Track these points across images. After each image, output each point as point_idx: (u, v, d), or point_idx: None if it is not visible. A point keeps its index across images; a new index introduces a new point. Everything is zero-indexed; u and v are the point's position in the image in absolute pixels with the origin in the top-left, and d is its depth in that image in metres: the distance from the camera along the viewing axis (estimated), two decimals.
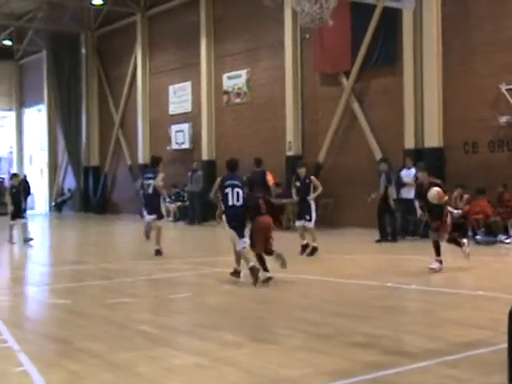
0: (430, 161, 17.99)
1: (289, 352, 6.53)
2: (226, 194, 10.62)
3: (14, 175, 20.77)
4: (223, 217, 10.92)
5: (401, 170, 17.80)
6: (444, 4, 18.19)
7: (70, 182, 35.01)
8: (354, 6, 19.93)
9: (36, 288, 11.42)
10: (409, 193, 16.95)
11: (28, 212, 34.01)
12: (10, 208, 18.33)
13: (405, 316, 8.58)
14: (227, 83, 25.24)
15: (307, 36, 21.41)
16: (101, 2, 29.76)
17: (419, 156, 18.17)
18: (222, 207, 10.83)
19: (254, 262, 10.49)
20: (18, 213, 18.39)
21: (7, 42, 36.33)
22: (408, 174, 17.28)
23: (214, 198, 11.13)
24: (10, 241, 18.27)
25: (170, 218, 25.60)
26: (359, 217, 19.47)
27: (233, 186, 10.63)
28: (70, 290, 10.80)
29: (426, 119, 18.49)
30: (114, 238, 22.22)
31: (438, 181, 11.89)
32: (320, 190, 14.29)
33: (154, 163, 15.06)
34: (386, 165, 17.38)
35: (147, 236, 14.95)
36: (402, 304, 9.53)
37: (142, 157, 29.45)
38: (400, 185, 17.49)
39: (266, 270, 10.48)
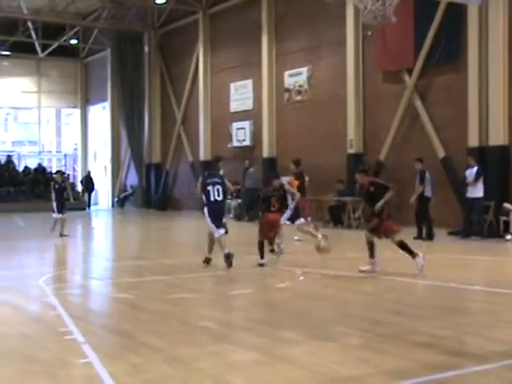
0: (495, 159, 17.62)
1: (348, 350, 6.50)
2: (208, 190, 12.10)
3: (58, 172, 21.41)
4: (204, 209, 12.24)
5: (466, 169, 17.45)
6: None
7: (132, 179, 35.57)
8: (418, 2, 19.67)
9: (100, 282, 11.65)
10: (472, 192, 16.71)
11: (92, 207, 35.03)
12: (54, 203, 18.86)
13: (468, 317, 8.43)
14: (288, 81, 25.24)
15: (369, 33, 21.19)
16: (164, 1, 30.15)
17: (483, 154, 17.82)
18: (205, 201, 12.18)
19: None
20: (60, 208, 18.87)
21: (73, 41, 37.17)
22: (471, 173, 16.96)
23: (199, 195, 12.58)
24: (61, 234, 18.81)
25: (231, 215, 25.75)
26: None
27: (214, 184, 12.17)
28: (132, 284, 10.97)
29: (491, 116, 18.10)
30: (175, 233, 22.47)
31: (380, 180, 11.74)
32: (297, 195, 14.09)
33: (216, 162, 14.90)
34: (420, 164, 17.28)
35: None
36: (465, 305, 9.36)
37: (204, 154, 29.71)
38: (465, 184, 17.20)
39: (262, 257, 12.26)
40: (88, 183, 36.27)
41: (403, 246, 11.08)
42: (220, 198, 12.14)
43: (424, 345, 6.62)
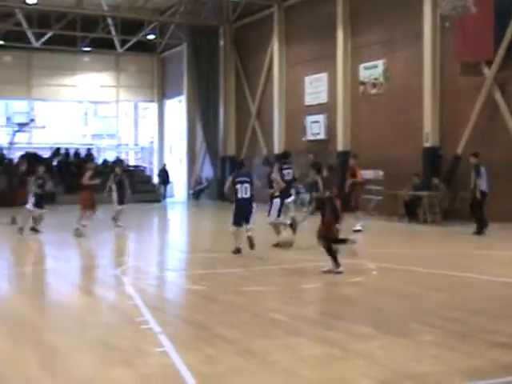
0: None
1: (422, 347, 6.44)
2: (237, 188, 13.21)
3: (117, 164, 21.72)
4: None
5: None
6: None
7: (207, 171, 35.98)
8: None
9: (174, 273, 11.88)
10: None
11: (167, 200, 35.61)
12: (114, 195, 19.24)
13: None
14: (363, 74, 24.99)
15: (447, 24, 20.78)
16: None
17: None
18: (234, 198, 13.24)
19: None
20: (121, 200, 19.28)
21: (151, 37, 37.82)
22: None
23: (227, 191, 13.66)
24: (116, 225, 19.24)
25: (305, 209, 25.71)
26: (500, 211, 18.72)
27: (242, 182, 13.26)
28: (205, 276, 11.14)
29: None
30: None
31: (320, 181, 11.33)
32: None
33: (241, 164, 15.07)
34: (475, 158, 17.16)
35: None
36: None
37: (278, 147, 29.78)
38: None
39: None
40: (164, 176, 36.89)
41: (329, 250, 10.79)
42: (247, 196, 13.28)
43: (501, 345, 6.49)
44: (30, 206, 17.91)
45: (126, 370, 5.82)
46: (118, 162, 21.98)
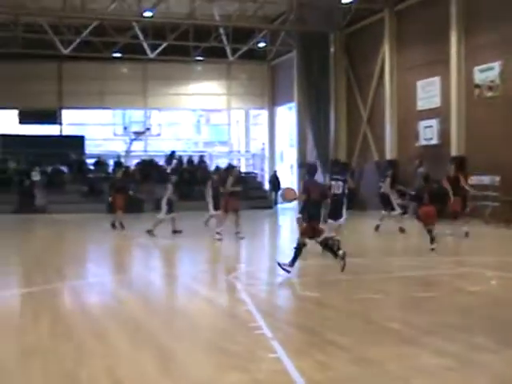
0: None
1: None
2: (332, 185, 14.54)
3: (217, 171, 22.15)
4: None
5: None
6: None
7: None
8: None
9: (286, 279, 11.89)
10: None
11: (278, 206, 35.81)
12: (210, 201, 19.81)
13: None
14: (478, 76, 24.23)
15: None
16: (350, 0, 30.14)
17: None
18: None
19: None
20: (216, 206, 19.39)
21: (261, 44, 38.23)
22: None
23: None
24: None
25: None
26: None
27: (336, 180, 14.69)
28: (317, 283, 11.11)
29: None
30: (359, 233, 22.33)
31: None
32: None
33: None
34: None
35: None
36: None
37: (390, 153, 29.37)
38: None
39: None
40: (274, 182, 37.15)
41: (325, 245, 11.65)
42: (339, 192, 14.41)
43: None
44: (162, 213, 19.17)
45: (240, 374, 5.89)
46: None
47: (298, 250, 11.44)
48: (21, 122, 40.17)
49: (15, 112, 40.46)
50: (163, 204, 19.36)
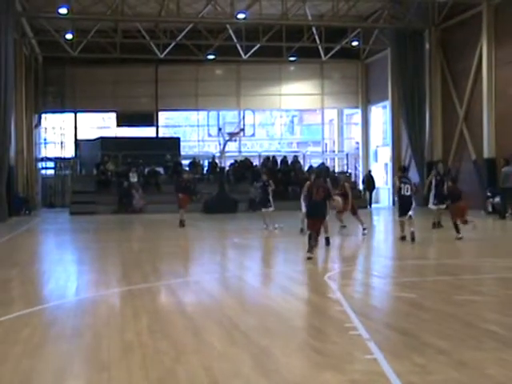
0: None
1: None
2: (401, 187, 16.89)
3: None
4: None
5: None
6: None
7: (413, 177, 35.25)
8: None
9: (381, 280, 11.75)
10: None
11: (373, 206, 35.43)
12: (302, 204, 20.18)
13: None
14: None
15: None
16: None
17: None
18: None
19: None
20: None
21: (354, 43, 37.90)
22: None
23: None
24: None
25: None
26: None
27: (405, 183, 16.97)
28: (414, 283, 10.89)
29: None
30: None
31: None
32: None
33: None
34: None
35: None
36: None
37: (488, 151, 28.52)
38: None
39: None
40: (369, 182, 36.74)
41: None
42: (408, 194, 16.94)
43: None
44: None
45: (335, 374, 5.84)
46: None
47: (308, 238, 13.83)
48: (119, 125, 41.42)
49: (113, 115, 41.77)
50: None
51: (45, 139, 41.53)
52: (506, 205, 25.12)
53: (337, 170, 40.65)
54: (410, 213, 16.88)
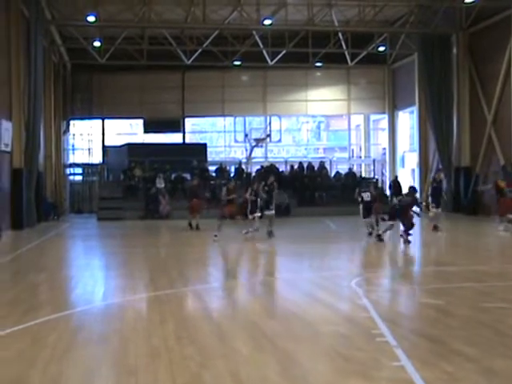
0: None
1: None
2: None
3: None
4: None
5: None
6: None
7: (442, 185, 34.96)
8: None
9: (408, 286, 11.65)
10: None
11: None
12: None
13: None
14: None
15: None
16: (473, 0, 29.28)
17: None
18: None
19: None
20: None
21: (381, 48, 37.74)
22: None
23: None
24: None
25: None
26: None
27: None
28: (440, 290, 10.80)
29: None
30: (483, 239, 21.56)
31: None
32: None
33: None
34: None
35: None
36: None
37: None
38: None
39: None
40: (396, 187, 36.45)
41: None
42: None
43: None
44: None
45: (362, 382, 5.82)
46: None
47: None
48: (146, 131, 41.68)
49: (141, 121, 42.06)
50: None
51: (73, 145, 41.91)
52: None
53: (364, 176, 40.49)
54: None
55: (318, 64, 38.52)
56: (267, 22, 31.42)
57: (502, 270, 12.85)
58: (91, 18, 30.43)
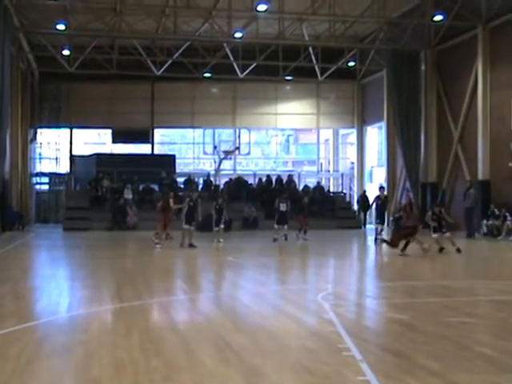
0: None
1: None
2: None
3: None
4: None
5: None
6: None
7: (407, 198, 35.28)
8: None
9: (374, 301, 11.73)
10: None
11: (367, 226, 35.41)
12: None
13: None
14: None
15: None
16: (441, 18, 29.75)
17: None
18: None
19: None
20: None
21: (351, 64, 38.12)
22: None
23: None
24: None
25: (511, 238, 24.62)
26: None
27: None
28: (406, 305, 10.88)
29: None
30: (447, 255, 21.78)
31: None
32: None
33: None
34: None
35: None
36: None
37: (482, 173, 28.62)
38: None
39: None
40: (363, 202, 36.74)
41: None
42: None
43: None
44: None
45: None
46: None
47: None
48: (114, 141, 41.44)
49: (109, 131, 41.81)
50: None
51: (40, 154, 41.50)
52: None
53: (332, 190, 40.73)
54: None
55: (288, 78, 38.75)
56: (238, 34, 31.55)
57: (465, 285, 12.98)
58: (61, 27, 30.24)
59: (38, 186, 41.32)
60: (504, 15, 27.43)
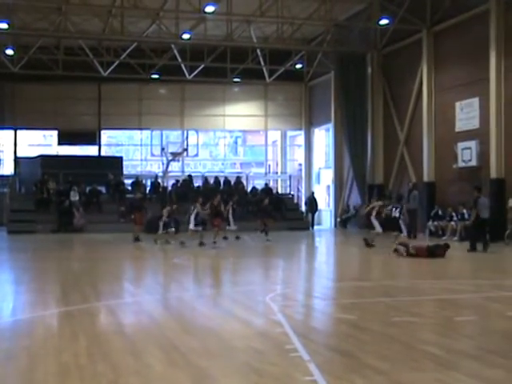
0: None
1: None
2: None
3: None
4: None
5: None
6: None
7: (355, 199, 35.74)
8: None
9: (322, 301, 11.82)
10: None
11: (315, 227, 35.67)
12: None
13: None
14: None
15: None
16: (387, 22, 30.19)
17: None
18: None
19: None
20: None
21: (298, 66, 38.35)
22: None
23: None
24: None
25: (455, 238, 25.00)
26: None
27: None
28: (354, 305, 10.99)
29: None
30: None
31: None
32: None
33: None
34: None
35: None
36: None
37: (427, 175, 29.10)
38: None
39: None
40: (311, 204, 37.00)
41: None
42: None
43: None
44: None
45: None
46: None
47: None
48: (60, 143, 40.80)
49: (55, 133, 41.14)
50: None
51: None
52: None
53: (280, 192, 40.86)
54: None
55: (236, 79, 38.77)
56: (186, 36, 31.40)
57: (410, 285, 13.17)
58: (3, 25, 29.56)
59: None
60: (448, 20, 27.95)
